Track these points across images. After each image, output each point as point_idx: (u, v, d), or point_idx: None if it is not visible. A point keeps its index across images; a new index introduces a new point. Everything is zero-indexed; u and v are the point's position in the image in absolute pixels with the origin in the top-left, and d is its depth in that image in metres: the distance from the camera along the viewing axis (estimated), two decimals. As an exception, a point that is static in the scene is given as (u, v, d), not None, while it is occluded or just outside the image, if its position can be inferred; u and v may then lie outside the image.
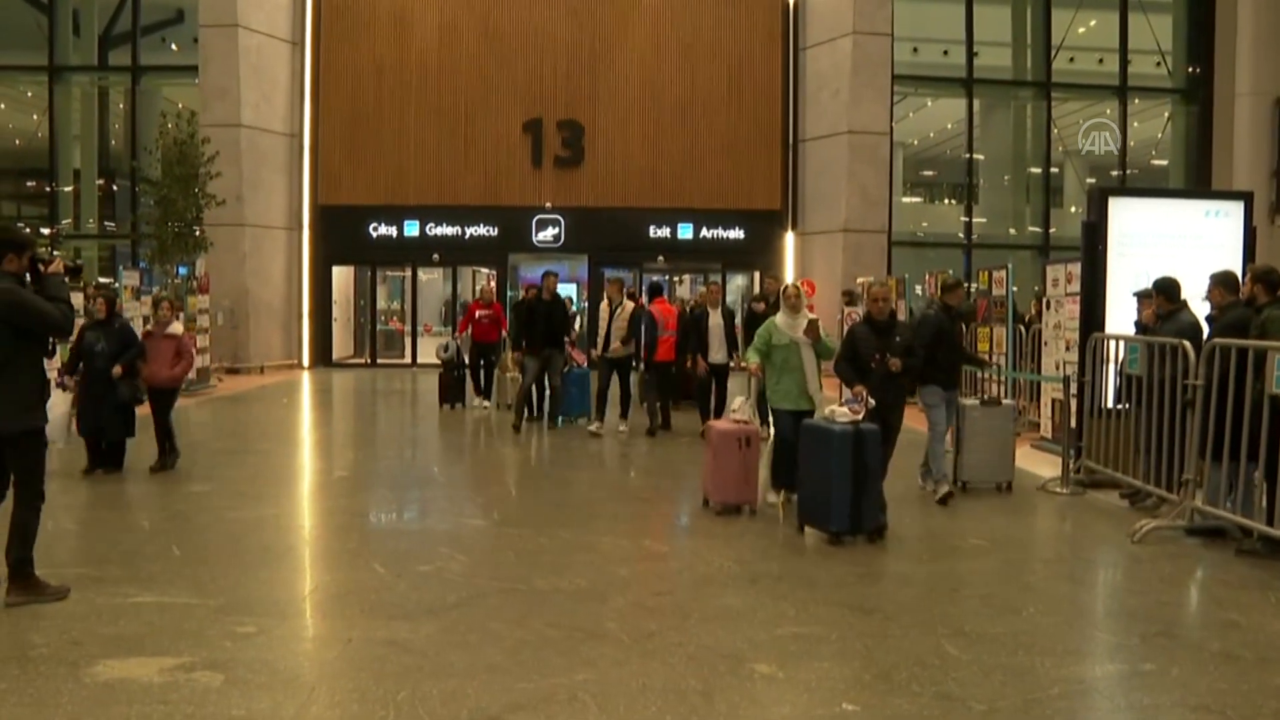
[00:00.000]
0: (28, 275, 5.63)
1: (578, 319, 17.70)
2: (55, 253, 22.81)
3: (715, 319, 12.31)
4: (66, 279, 5.83)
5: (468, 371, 15.66)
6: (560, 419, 13.61)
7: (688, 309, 13.37)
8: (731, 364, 12.37)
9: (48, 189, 25.19)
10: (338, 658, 4.95)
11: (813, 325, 7.97)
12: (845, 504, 6.98)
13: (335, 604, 5.85)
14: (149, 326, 10.36)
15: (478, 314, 15.46)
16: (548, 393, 13.67)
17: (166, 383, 9.87)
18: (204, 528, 7.68)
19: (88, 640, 5.01)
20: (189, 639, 5.05)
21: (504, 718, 4.17)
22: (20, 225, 27.70)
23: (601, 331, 12.81)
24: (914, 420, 9.12)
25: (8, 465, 5.62)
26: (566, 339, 13.68)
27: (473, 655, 4.88)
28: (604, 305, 13.06)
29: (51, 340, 5.86)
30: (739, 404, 8.28)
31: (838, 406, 7.25)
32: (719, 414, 11.87)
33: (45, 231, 24.95)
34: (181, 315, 14.25)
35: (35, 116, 25.51)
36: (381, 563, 6.62)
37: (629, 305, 12.86)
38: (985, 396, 10.69)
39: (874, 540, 7.14)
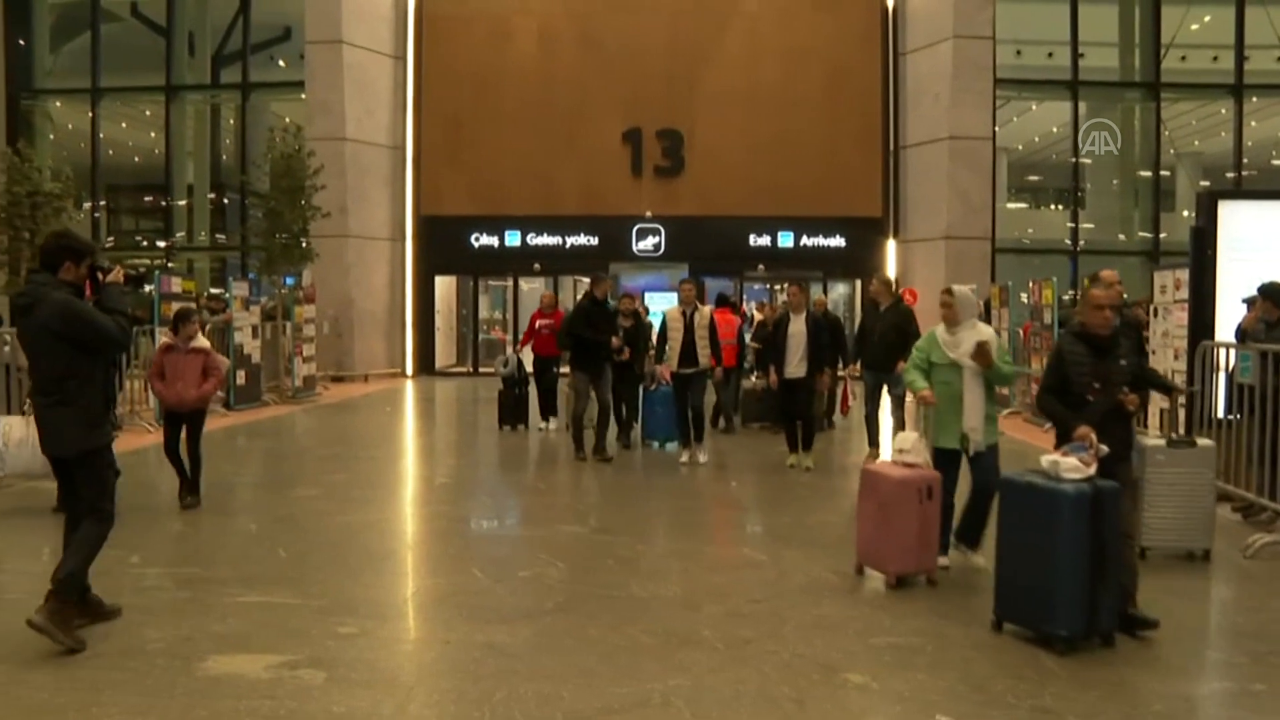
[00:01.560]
0: (88, 284, 5.35)
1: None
2: (153, 263, 23.69)
3: (796, 327, 10.46)
4: (127, 288, 5.60)
5: (531, 389, 14.02)
6: (653, 442, 12.35)
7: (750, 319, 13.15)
8: (835, 375, 11.16)
9: (163, 203, 26.15)
10: (436, 659, 5.05)
11: (983, 350, 6.41)
12: (1078, 596, 5.06)
13: (435, 607, 5.97)
14: (165, 340, 8.93)
15: (538, 324, 13.59)
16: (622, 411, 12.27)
17: (195, 403, 8.64)
18: (309, 531, 7.89)
19: (198, 636, 5.20)
20: (293, 638, 5.20)
21: (598, 721, 4.21)
22: (138, 239, 28.87)
23: (675, 344, 10.91)
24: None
25: (76, 487, 5.38)
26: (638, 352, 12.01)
27: (568, 659, 4.93)
28: (674, 312, 11.10)
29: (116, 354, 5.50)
30: (911, 442, 6.47)
31: (1061, 457, 5.27)
32: (806, 442, 10.71)
33: (161, 244, 25.93)
34: (205, 328, 14.01)
35: (153, 134, 26.53)
36: (481, 568, 6.72)
37: (706, 311, 11.19)
38: (1175, 434, 7.85)
39: (1128, 636, 5.29)
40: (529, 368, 14.05)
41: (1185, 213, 25.79)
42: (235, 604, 5.79)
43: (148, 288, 14.13)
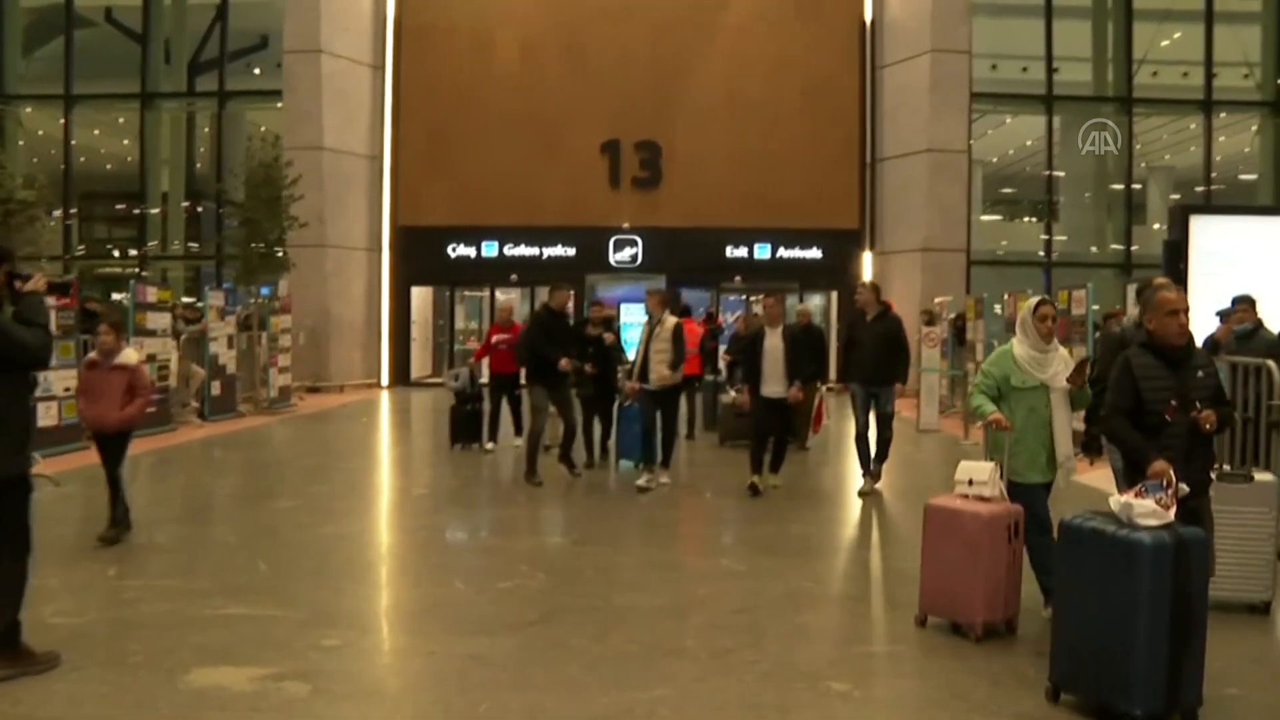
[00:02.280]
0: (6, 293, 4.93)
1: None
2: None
3: (773, 341, 9.77)
4: (48, 299, 5.11)
5: (484, 406, 13.22)
6: (627, 461, 11.70)
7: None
8: (791, 394, 9.80)
9: (137, 211, 25.97)
10: (420, 670, 5.05)
11: (1081, 368, 5.74)
12: (1158, 667, 4.22)
13: (417, 619, 5.96)
14: (93, 355, 8.10)
15: (494, 339, 12.73)
16: (596, 430, 11.90)
17: (117, 426, 7.67)
18: (289, 543, 7.87)
19: (180, 649, 5.16)
20: (276, 650, 5.19)
21: (583, 732, 4.23)
22: (109, 247, 28.66)
23: (639, 355, 10.31)
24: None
25: None
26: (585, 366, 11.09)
27: (552, 670, 4.94)
28: (646, 324, 10.50)
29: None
30: (987, 473, 5.59)
31: (1133, 499, 4.43)
32: (776, 462, 10.19)
33: (133, 252, 25.78)
34: (131, 341, 13.02)
35: (126, 141, 26.38)
36: (462, 579, 6.74)
37: (670, 321, 10.31)
38: (1226, 468, 6.49)
39: None
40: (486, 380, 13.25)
41: (1156, 225, 26.09)
42: (217, 616, 5.75)
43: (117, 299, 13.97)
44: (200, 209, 26.79)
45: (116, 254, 28.13)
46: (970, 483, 5.59)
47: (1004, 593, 5.45)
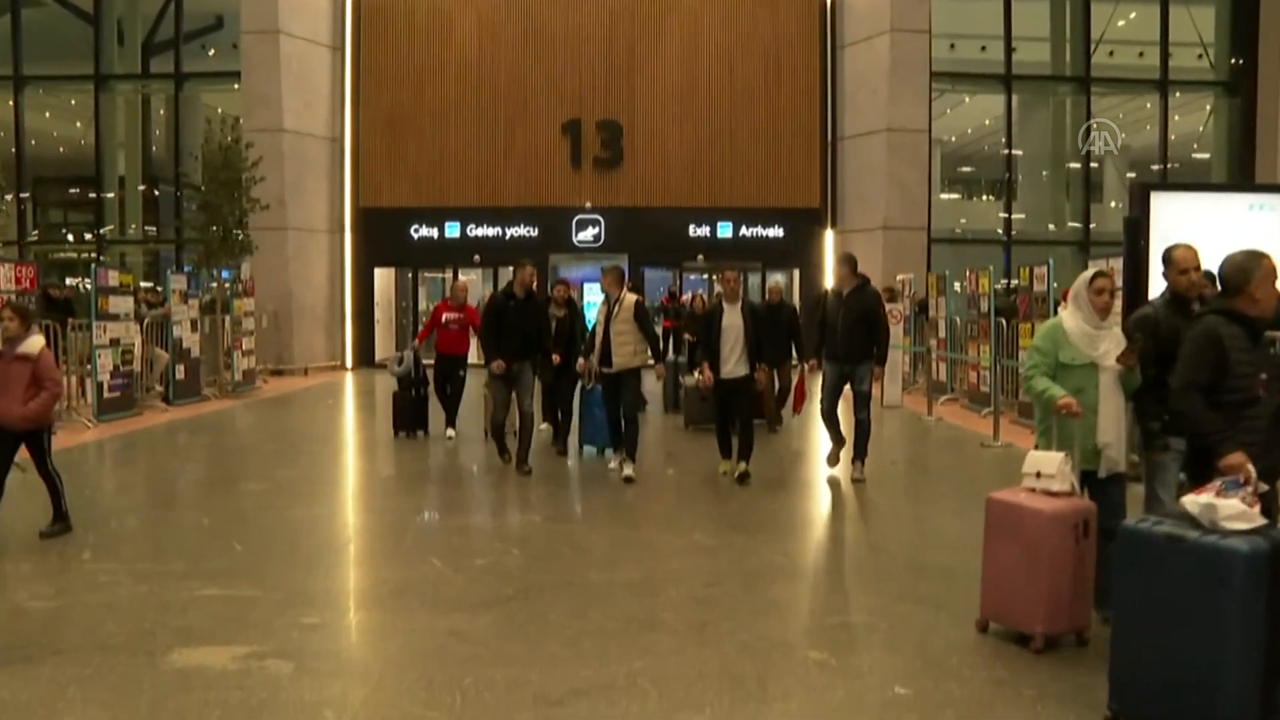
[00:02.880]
0: None
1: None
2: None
3: (732, 318, 9.18)
4: None
5: (430, 390, 12.63)
6: (586, 448, 11.33)
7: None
8: (757, 378, 9.46)
9: (93, 195, 25.60)
10: (401, 648, 5.08)
11: (1132, 346, 5.09)
12: (1251, 691, 3.63)
13: (395, 597, 5.98)
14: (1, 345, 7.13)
15: (444, 317, 12.27)
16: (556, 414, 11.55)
17: (19, 423, 6.85)
18: (262, 525, 7.87)
19: (160, 631, 5.17)
20: (257, 629, 5.20)
21: (567, 703, 4.29)
22: (64, 231, 28.24)
23: (598, 339, 9.82)
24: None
25: None
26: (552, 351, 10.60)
27: (533, 645, 5.00)
28: (602, 304, 9.99)
29: None
30: (1056, 464, 4.94)
31: (1215, 498, 3.79)
32: (744, 450, 9.48)
33: (90, 237, 25.43)
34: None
35: (79, 124, 25.98)
36: (438, 557, 6.76)
37: (630, 299, 9.78)
38: None
39: None
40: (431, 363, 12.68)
41: (1113, 204, 26.44)
42: (195, 597, 5.76)
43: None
44: (158, 192, 26.46)
45: (72, 239, 27.76)
46: (1038, 475, 4.98)
47: (1070, 600, 4.83)
